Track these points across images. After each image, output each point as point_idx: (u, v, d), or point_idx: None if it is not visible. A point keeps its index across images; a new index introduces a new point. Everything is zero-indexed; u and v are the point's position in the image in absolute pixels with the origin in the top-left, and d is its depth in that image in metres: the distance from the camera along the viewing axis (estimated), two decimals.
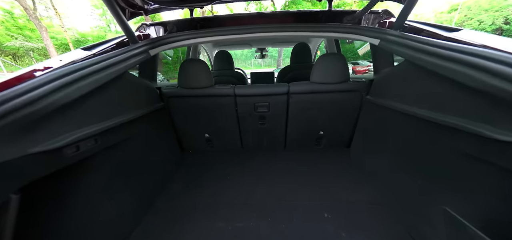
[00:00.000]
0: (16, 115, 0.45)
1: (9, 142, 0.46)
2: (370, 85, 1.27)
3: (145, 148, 1.08)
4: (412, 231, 0.81)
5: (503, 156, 0.49)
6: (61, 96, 0.54)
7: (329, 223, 0.88)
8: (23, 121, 0.47)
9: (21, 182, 0.50)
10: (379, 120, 1.15)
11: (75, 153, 0.63)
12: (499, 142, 0.48)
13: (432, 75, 0.71)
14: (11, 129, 0.46)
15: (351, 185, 1.14)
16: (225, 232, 0.84)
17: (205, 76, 1.30)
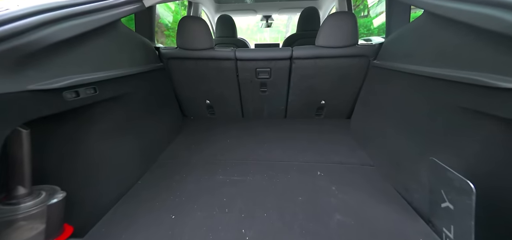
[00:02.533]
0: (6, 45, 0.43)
1: (8, 76, 0.46)
2: (379, 49, 1.19)
3: (146, 107, 1.07)
4: (399, 187, 0.84)
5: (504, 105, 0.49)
6: (52, 32, 0.52)
7: (321, 180, 0.91)
8: (16, 54, 0.46)
9: (26, 116, 0.52)
10: (382, 86, 1.11)
11: (75, 98, 0.63)
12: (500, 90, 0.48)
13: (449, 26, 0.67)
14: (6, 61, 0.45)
15: (347, 151, 1.15)
16: (224, 183, 0.88)
17: (204, 37, 1.23)
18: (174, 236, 0.64)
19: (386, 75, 1.08)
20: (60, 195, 0.66)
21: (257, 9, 3.23)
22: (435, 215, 0.64)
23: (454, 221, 0.55)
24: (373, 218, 0.70)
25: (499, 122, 0.53)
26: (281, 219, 0.70)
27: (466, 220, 0.50)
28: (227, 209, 0.75)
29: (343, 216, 0.71)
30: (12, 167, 0.57)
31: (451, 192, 0.55)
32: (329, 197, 0.81)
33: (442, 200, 0.59)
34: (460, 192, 0.52)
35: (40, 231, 0.62)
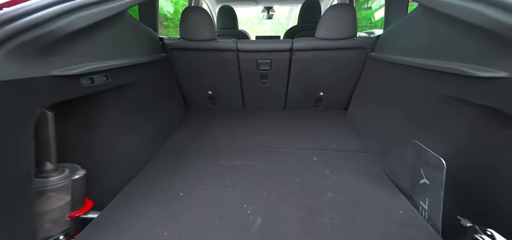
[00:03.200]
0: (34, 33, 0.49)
1: (34, 61, 0.52)
2: (376, 42, 1.24)
3: (152, 95, 1.14)
4: (387, 170, 0.92)
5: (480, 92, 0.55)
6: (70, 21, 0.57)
7: (317, 165, 0.99)
8: (40, 42, 0.52)
9: (51, 99, 0.58)
10: (377, 76, 1.16)
11: (90, 85, 0.70)
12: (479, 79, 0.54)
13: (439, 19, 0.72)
14: (33, 48, 0.51)
15: (343, 139, 1.22)
16: (226, 167, 0.96)
17: (207, 27, 1.28)
18: (184, 209, 0.73)
19: (382, 67, 1.13)
20: (81, 172, 0.74)
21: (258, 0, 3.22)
22: (414, 192, 0.71)
23: (428, 194, 0.62)
24: (361, 196, 0.78)
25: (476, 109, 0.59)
26: (279, 197, 0.78)
27: (438, 192, 0.57)
28: (230, 188, 0.83)
29: (335, 194, 0.79)
30: (40, 146, 0.65)
31: (428, 170, 0.62)
32: (324, 179, 0.89)
33: (420, 177, 0.66)
34: (434, 168, 0.59)
35: (67, 202, 0.71)
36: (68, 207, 0.72)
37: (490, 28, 0.50)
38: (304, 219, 0.67)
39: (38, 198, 0.64)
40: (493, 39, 0.51)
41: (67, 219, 0.71)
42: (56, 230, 0.69)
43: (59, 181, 0.68)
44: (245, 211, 0.71)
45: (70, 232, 0.74)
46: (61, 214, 0.70)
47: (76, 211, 0.74)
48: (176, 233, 0.63)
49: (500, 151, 0.53)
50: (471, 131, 0.61)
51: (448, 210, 0.59)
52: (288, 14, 5.66)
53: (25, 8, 0.48)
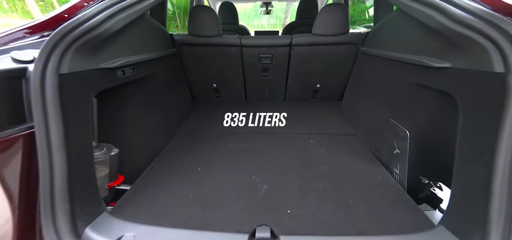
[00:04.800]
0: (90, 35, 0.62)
1: (89, 57, 0.65)
2: (366, 37, 1.39)
3: (165, 87, 1.27)
4: (372, 148, 1.09)
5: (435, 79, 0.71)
6: (112, 24, 0.68)
7: (313, 146, 1.15)
8: (94, 42, 0.65)
9: (99, 87, 0.72)
10: (366, 69, 1.32)
11: (122, 76, 0.84)
12: (434, 69, 0.69)
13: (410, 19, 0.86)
14: (89, 47, 0.64)
15: (336, 125, 1.38)
16: (235, 149, 1.12)
17: (213, 24, 1.40)
18: (203, 180, 0.88)
19: (369, 60, 1.28)
20: (116, 150, 0.89)
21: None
22: (390, 161, 0.88)
23: (399, 161, 0.79)
24: (349, 168, 0.95)
25: (434, 92, 0.76)
26: (281, 170, 0.94)
27: (404, 157, 0.74)
28: (239, 165, 0.99)
29: (327, 168, 0.95)
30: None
31: (398, 141, 0.79)
32: (318, 156, 1.05)
33: (394, 148, 0.83)
34: (402, 139, 0.76)
35: (106, 174, 0.86)
36: (107, 179, 0.87)
37: (438, 29, 0.64)
38: (302, 185, 0.84)
39: None
40: (442, 37, 0.66)
41: (106, 188, 0.86)
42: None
43: (100, 156, 0.83)
44: (254, 181, 0.87)
45: (108, 200, 0.89)
46: (102, 183, 0.85)
47: (112, 182, 0.89)
48: (200, 195, 0.78)
49: (450, 124, 0.70)
50: (431, 110, 0.78)
51: (413, 173, 0.76)
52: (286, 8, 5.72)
53: (84, 16, 0.61)
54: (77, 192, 0.60)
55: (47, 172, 0.53)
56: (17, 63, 0.54)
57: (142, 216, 0.69)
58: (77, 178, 0.60)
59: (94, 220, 0.62)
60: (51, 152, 0.54)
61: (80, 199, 0.60)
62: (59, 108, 0.54)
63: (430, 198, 0.73)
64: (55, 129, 0.54)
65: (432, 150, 0.78)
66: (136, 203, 0.78)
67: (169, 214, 0.70)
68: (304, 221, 0.66)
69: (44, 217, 0.54)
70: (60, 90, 0.55)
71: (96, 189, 0.68)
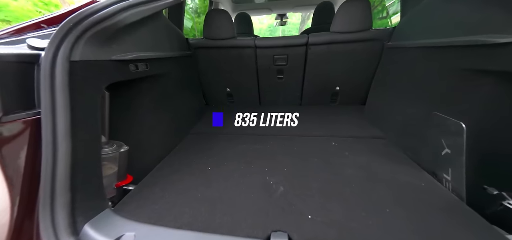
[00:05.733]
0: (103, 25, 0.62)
1: (101, 47, 0.66)
2: (392, 32, 1.26)
3: (178, 88, 1.27)
4: (408, 151, 0.92)
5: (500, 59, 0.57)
6: (126, 16, 0.70)
7: (335, 148, 1.02)
8: (106, 32, 0.65)
9: (111, 79, 0.71)
10: (396, 64, 1.17)
11: (135, 71, 0.83)
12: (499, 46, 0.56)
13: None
14: (102, 37, 0.64)
15: (360, 128, 1.23)
16: (247, 150, 1.03)
17: (227, 27, 1.40)
18: (212, 179, 0.81)
19: (400, 54, 1.14)
20: (125, 147, 0.86)
21: (272, 7, 3.37)
22: (437, 166, 0.71)
23: (451, 164, 0.63)
24: (380, 172, 0.80)
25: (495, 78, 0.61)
26: (299, 172, 0.83)
27: (460, 158, 0.58)
28: (252, 165, 0.90)
29: (353, 170, 0.82)
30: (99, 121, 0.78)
31: (449, 138, 0.63)
32: (342, 158, 0.92)
33: (442, 148, 0.67)
34: (455, 134, 0.60)
35: (114, 172, 0.83)
36: (115, 177, 0.83)
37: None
38: (324, 189, 0.72)
39: None
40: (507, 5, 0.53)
41: (114, 187, 0.83)
42: (107, 195, 0.81)
43: (110, 152, 0.80)
44: (268, 182, 0.77)
45: (115, 200, 0.85)
46: (110, 181, 0.82)
47: (121, 181, 0.86)
48: (208, 195, 0.70)
49: None
50: (491, 100, 0.62)
51: (472, 181, 0.59)
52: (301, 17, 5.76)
53: (97, 6, 0.61)
54: (80, 184, 0.56)
55: (50, 160, 0.51)
56: (32, 49, 0.54)
57: (145, 214, 0.63)
58: (81, 170, 0.56)
59: (95, 216, 0.58)
60: (56, 139, 0.51)
61: (82, 192, 0.56)
62: (68, 94, 0.53)
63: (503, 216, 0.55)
64: (62, 116, 0.52)
65: (496, 150, 0.61)
66: (140, 201, 0.73)
67: (174, 214, 0.63)
68: (329, 228, 0.54)
69: (43, 208, 0.50)
70: (70, 77, 0.54)
71: (100, 184, 0.65)
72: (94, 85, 0.63)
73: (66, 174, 0.52)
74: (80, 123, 0.56)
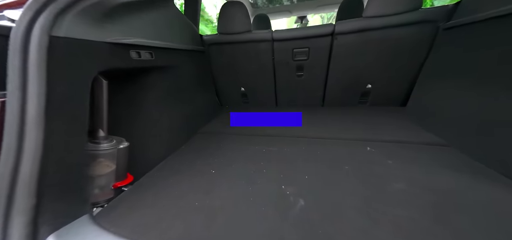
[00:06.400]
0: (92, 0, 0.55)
1: (95, 26, 0.59)
2: (454, 9, 0.99)
3: (189, 83, 1.19)
4: (492, 161, 0.64)
5: None
6: None
7: (372, 155, 0.79)
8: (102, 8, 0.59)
9: (105, 65, 0.64)
10: (463, 49, 0.90)
11: (138, 59, 0.76)
12: None
13: None
14: (96, 13, 0.58)
15: (407, 131, 0.97)
16: (260, 152, 0.87)
17: (243, 20, 1.30)
18: (214, 185, 0.66)
19: (470, 33, 0.88)
20: (125, 143, 0.78)
21: (292, 10, 3.25)
22: None
23: None
24: (452, 190, 0.56)
25: None
26: (325, 182, 0.64)
27: None
28: (264, 170, 0.74)
29: (404, 185, 0.59)
30: (95, 112, 0.71)
31: None
32: (385, 168, 0.70)
33: None
34: None
35: (112, 170, 0.75)
36: (113, 176, 0.75)
37: None
38: (362, 207, 0.52)
39: (92, 161, 0.69)
40: None
41: (111, 188, 0.74)
42: (103, 197, 0.72)
43: (108, 148, 0.72)
44: (284, 193, 0.60)
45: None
46: (107, 181, 0.73)
47: (119, 182, 0.77)
48: (207, 203, 0.56)
49: None
50: None
51: None
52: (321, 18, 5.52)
53: None
54: (52, 185, 0.47)
55: (12, 152, 0.42)
56: (9, 22, 0.48)
57: (128, 226, 0.51)
58: (56, 167, 0.47)
59: (66, 224, 0.47)
60: (23, 127, 0.43)
61: (53, 195, 0.47)
62: (44, 74, 0.45)
63: None
64: (34, 100, 0.43)
65: None
66: (127, 207, 0.62)
67: (162, 228, 0.50)
68: None
69: None
70: (50, 54, 0.46)
71: (82, 185, 0.55)
72: (83, 68, 0.56)
73: (32, 172, 0.43)
74: (59, 110, 0.48)
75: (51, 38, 0.46)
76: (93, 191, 0.71)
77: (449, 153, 0.77)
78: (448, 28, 0.98)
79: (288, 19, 3.96)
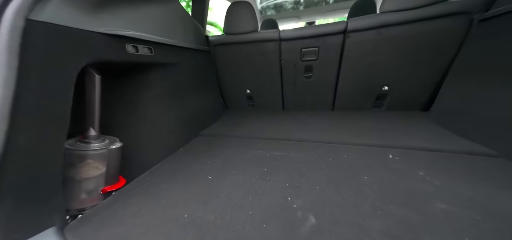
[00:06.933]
0: None
1: (86, 14, 0.55)
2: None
3: (191, 83, 1.14)
4: None
5: None
6: None
7: (397, 163, 0.66)
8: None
9: (96, 57, 0.59)
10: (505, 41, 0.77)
11: (135, 53, 0.71)
12: None
13: None
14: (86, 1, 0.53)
15: (437, 137, 0.83)
16: (264, 157, 0.78)
17: (249, 20, 1.25)
18: (210, 193, 0.58)
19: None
20: (118, 144, 0.72)
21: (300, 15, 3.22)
22: None
23: None
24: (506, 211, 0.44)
25: None
26: (340, 195, 0.53)
27: None
28: (268, 177, 0.65)
29: (453, 207, 0.47)
30: (87, 109, 0.66)
31: None
32: (417, 181, 0.58)
33: None
34: None
35: (101, 173, 0.68)
36: (103, 179, 0.69)
37: None
38: (397, 234, 0.40)
39: (79, 162, 0.64)
40: None
41: (100, 193, 0.68)
42: (89, 202, 0.66)
43: (98, 148, 0.67)
44: (290, 206, 0.50)
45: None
46: (95, 185, 0.67)
47: (110, 185, 0.71)
48: (199, 215, 0.48)
49: None
50: None
51: None
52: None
53: None
54: (10, 192, 0.40)
55: None
56: None
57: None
58: (18, 171, 0.41)
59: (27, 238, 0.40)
60: None
61: (9, 203, 0.40)
62: (15, 62, 0.40)
63: None
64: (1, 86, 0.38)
65: None
66: (106, 217, 0.54)
67: None
68: None
69: None
70: (24, 40, 0.41)
71: (54, 191, 0.48)
72: (67, 59, 0.51)
73: None
74: (31, 106, 0.42)
75: (28, 22, 0.41)
76: (80, 196, 0.65)
77: (499, 163, 0.64)
78: (485, 19, 0.86)
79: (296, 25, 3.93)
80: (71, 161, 0.62)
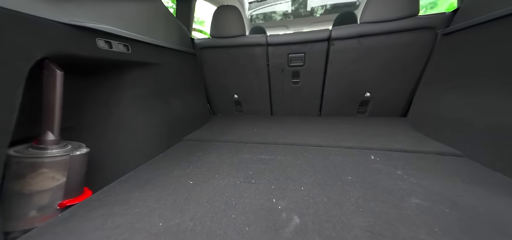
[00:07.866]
0: None
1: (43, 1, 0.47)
2: (453, 15, 0.96)
3: (175, 86, 1.07)
4: None
5: None
6: None
7: (378, 164, 0.69)
8: None
9: (57, 48, 0.52)
10: (466, 53, 0.85)
11: (108, 50, 0.64)
12: None
13: None
14: None
15: (413, 140, 0.88)
16: (250, 161, 0.74)
17: (237, 23, 1.23)
18: (190, 199, 0.53)
19: (471, 37, 0.83)
20: (84, 150, 0.63)
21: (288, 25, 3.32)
22: None
23: None
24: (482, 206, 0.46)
25: None
26: (325, 195, 0.52)
27: None
28: (253, 180, 0.61)
29: (426, 201, 0.49)
30: (44, 110, 0.57)
31: None
32: (396, 180, 0.60)
33: None
34: None
35: (60, 184, 0.58)
36: (61, 192, 0.59)
37: None
38: (377, 228, 0.40)
39: (30, 173, 0.53)
40: None
41: (56, 208, 0.58)
42: (40, 221, 0.55)
43: (57, 155, 0.57)
44: (275, 207, 0.47)
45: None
46: (51, 199, 0.57)
47: (70, 199, 0.60)
48: (176, 223, 0.42)
49: None
50: None
51: None
52: None
53: None
54: None
55: None
56: None
57: None
58: None
59: None
60: None
61: None
62: None
63: None
64: None
65: None
66: (58, 234, 0.46)
67: None
68: None
69: None
70: None
71: None
72: (14, 50, 0.43)
73: None
74: None
75: None
76: (29, 213, 0.54)
77: (465, 163, 0.69)
78: (447, 34, 0.94)
79: None
80: (18, 172, 0.52)
